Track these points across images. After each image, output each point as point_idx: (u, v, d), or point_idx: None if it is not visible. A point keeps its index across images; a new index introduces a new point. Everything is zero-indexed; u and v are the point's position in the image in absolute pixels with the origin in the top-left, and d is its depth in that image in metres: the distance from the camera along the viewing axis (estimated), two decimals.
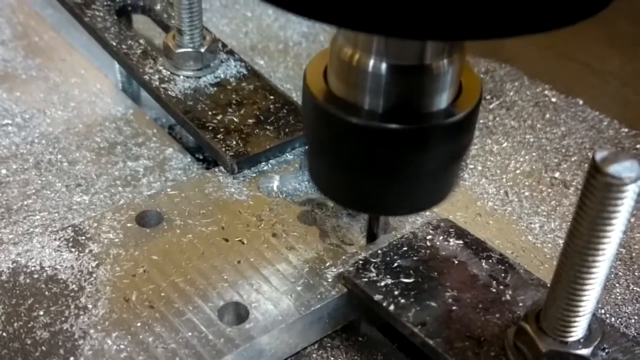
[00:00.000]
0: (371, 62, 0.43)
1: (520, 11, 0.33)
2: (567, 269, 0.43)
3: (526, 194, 0.70)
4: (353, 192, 0.49)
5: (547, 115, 0.80)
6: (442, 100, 0.44)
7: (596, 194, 0.39)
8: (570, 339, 0.46)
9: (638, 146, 0.76)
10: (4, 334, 0.50)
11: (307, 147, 0.50)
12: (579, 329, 0.46)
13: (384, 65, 0.43)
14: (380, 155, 0.45)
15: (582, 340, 0.47)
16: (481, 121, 0.78)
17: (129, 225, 0.59)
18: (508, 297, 0.53)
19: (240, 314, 0.53)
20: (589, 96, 0.81)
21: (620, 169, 0.38)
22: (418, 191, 0.48)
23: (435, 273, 0.55)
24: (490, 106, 0.80)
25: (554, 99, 0.82)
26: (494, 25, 0.33)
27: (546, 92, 0.83)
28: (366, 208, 0.52)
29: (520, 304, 0.53)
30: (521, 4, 0.33)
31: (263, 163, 0.65)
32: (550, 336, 0.46)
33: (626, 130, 0.78)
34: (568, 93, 0.82)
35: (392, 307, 0.52)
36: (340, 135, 0.45)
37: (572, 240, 0.42)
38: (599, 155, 0.39)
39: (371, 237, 0.59)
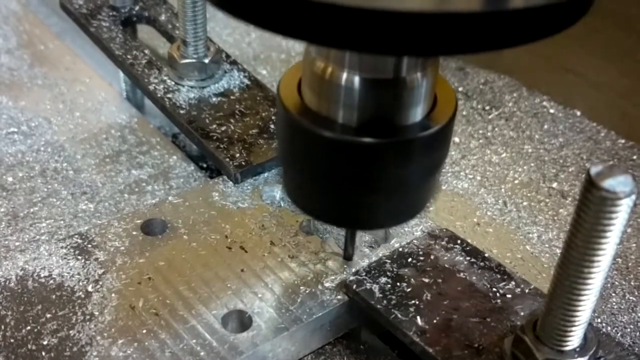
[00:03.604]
0: (344, 76, 0.42)
1: (484, 30, 0.34)
2: (564, 280, 0.44)
3: (524, 204, 0.71)
4: (328, 206, 0.48)
5: (545, 126, 0.81)
6: (417, 113, 0.44)
7: (591, 208, 0.40)
8: (567, 348, 0.47)
9: (634, 157, 0.77)
10: (13, 340, 0.51)
11: (281, 162, 0.49)
12: (575, 338, 0.47)
13: (357, 79, 0.42)
14: (355, 169, 0.44)
15: (578, 349, 0.47)
16: (480, 131, 0.79)
17: (134, 233, 0.60)
18: (506, 306, 0.54)
19: (243, 321, 0.54)
20: (586, 107, 0.82)
21: (615, 183, 0.39)
22: (394, 204, 0.47)
23: (435, 282, 0.56)
24: (490, 117, 0.81)
25: (552, 110, 0.83)
26: (464, 42, 0.34)
27: (544, 103, 0.84)
28: (341, 222, 0.51)
29: (518, 313, 0.54)
30: (485, 23, 0.33)
31: (266, 172, 0.66)
32: (547, 345, 0.47)
33: (623, 141, 0.79)
34: (566, 104, 0.83)
35: (392, 316, 0.53)
36: (315, 149, 0.45)
37: (568, 252, 0.43)
38: (594, 169, 0.40)
39: (347, 256, 0.59)
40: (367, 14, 0.32)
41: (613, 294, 0.63)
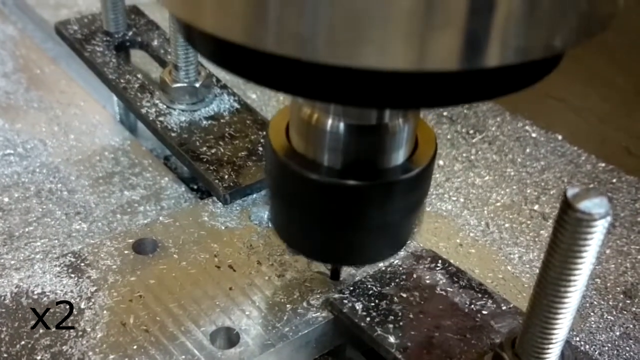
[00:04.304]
0: (329, 122, 0.44)
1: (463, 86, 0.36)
2: (541, 298, 0.45)
3: (506, 225, 0.73)
4: (312, 243, 0.50)
5: (528, 150, 0.83)
6: (399, 157, 0.46)
7: (568, 229, 0.41)
8: None
9: (614, 180, 0.79)
10: (7, 355, 0.52)
11: (270, 200, 0.51)
12: (552, 355, 0.48)
13: (341, 125, 0.44)
14: (339, 209, 0.46)
15: None
16: (464, 155, 0.81)
17: (126, 252, 0.61)
18: (486, 324, 0.56)
19: (231, 338, 0.56)
20: (567, 132, 0.84)
21: (590, 205, 0.40)
22: (375, 243, 0.49)
23: (417, 300, 0.57)
24: (473, 140, 0.83)
25: (534, 134, 0.85)
26: (440, 97, 0.36)
27: (527, 127, 0.85)
28: (325, 258, 0.54)
29: (498, 331, 0.55)
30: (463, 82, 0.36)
31: (254, 194, 0.67)
32: None
33: (603, 165, 0.80)
34: (548, 129, 0.85)
35: (375, 333, 0.54)
36: (301, 190, 0.47)
37: (545, 272, 0.44)
38: (570, 191, 0.41)
39: (335, 276, 0.61)
40: (348, 73, 0.33)
41: (592, 313, 0.64)
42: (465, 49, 0.32)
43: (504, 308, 0.57)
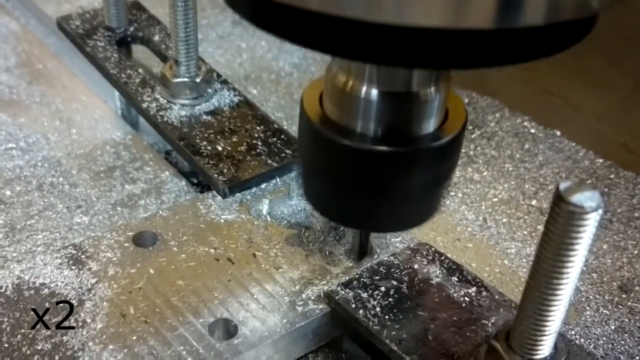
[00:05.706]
0: (363, 89, 0.45)
1: (501, 46, 0.37)
2: (534, 291, 0.45)
3: (504, 220, 0.74)
4: (344, 210, 0.51)
5: (526, 146, 0.83)
6: (430, 125, 0.47)
7: (560, 222, 0.42)
8: (537, 357, 0.49)
9: (612, 176, 0.79)
10: (7, 345, 0.53)
11: (301, 168, 0.52)
12: (545, 347, 0.48)
13: (375, 92, 0.45)
14: (370, 175, 0.47)
15: (548, 358, 0.49)
16: (463, 150, 0.81)
17: (126, 245, 0.62)
18: (481, 317, 0.56)
19: (229, 329, 0.56)
20: (566, 128, 0.84)
21: (582, 198, 0.41)
22: (406, 210, 0.50)
23: (414, 294, 0.58)
24: (472, 136, 0.84)
25: (532, 130, 0.85)
26: (475, 57, 0.37)
27: (525, 123, 0.86)
28: (357, 224, 0.55)
29: (493, 324, 0.55)
30: (502, 40, 0.36)
31: (253, 188, 0.68)
32: (518, 354, 0.49)
33: (601, 160, 0.81)
34: (546, 125, 0.85)
35: (372, 325, 0.55)
36: (334, 157, 0.48)
37: (538, 264, 0.44)
38: (563, 185, 0.41)
39: (361, 255, 0.62)
40: (389, 29, 0.34)
41: (587, 308, 0.65)
42: (500, 8, 0.33)
43: (499, 301, 0.57)
